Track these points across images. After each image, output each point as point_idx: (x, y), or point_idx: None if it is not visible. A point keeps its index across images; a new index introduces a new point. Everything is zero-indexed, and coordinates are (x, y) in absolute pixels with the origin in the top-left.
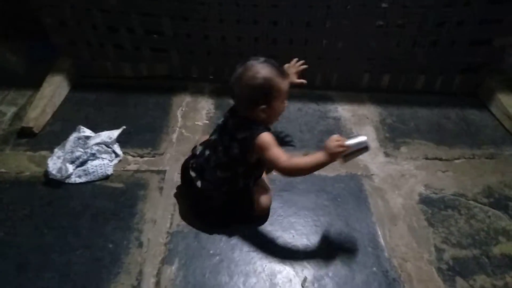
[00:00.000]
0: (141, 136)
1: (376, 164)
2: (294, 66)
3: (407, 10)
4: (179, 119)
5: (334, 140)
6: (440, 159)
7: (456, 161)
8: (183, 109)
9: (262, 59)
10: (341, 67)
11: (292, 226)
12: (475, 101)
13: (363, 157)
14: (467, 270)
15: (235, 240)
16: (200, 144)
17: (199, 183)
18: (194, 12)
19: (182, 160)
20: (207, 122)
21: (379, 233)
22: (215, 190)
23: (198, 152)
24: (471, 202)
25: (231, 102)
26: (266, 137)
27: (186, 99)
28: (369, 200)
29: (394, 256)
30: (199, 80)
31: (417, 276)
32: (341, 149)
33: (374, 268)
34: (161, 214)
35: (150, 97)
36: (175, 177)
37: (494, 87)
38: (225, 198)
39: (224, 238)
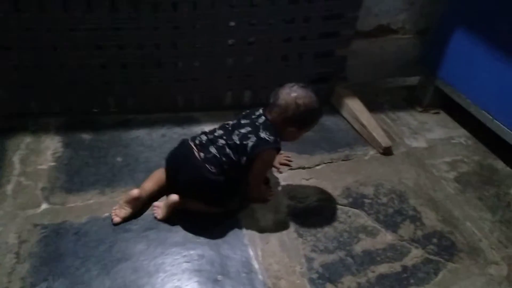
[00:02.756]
0: None
1: None
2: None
3: (254, 28)
4: (17, 166)
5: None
6: (303, 168)
7: (317, 167)
8: (22, 152)
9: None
10: (201, 87)
11: (160, 268)
12: (329, 109)
13: None
14: (335, 274)
15: None
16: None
17: (200, 155)
18: (16, 39)
19: (21, 215)
20: (54, 164)
21: (252, 255)
22: (212, 166)
23: (208, 130)
24: (333, 205)
25: (85, 137)
26: (273, 156)
27: (26, 140)
28: (241, 221)
29: (268, 277)
30: (42, 115)
31: None
32: (268, 199)
33: None
34: None
35: None
36: (10, 239)
37: (342, 93)
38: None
39: None
